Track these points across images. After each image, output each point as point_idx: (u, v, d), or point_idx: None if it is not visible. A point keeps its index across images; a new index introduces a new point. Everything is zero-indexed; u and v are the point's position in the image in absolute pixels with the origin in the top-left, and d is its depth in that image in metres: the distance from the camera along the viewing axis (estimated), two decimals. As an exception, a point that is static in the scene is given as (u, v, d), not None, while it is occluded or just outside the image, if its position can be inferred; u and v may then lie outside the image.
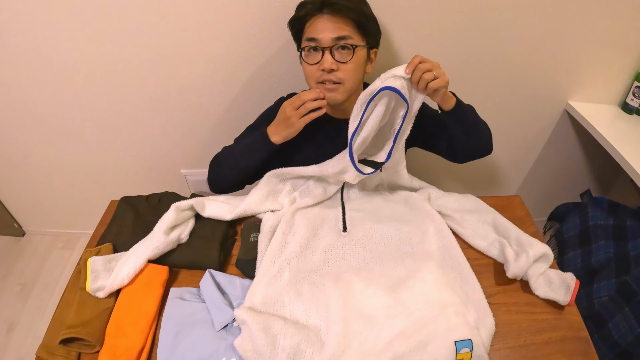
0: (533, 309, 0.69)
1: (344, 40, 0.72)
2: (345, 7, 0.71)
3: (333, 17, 0.71)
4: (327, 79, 0.73)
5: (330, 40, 0.71)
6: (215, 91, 1.09)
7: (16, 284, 1.47)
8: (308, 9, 0.73)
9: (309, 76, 0.77)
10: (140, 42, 0.98)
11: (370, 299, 0.62)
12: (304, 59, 0.75)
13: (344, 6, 0.70)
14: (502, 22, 0.98)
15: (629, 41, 1.05)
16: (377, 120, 0.70)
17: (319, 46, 0.72)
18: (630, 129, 1.12)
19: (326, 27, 0.71)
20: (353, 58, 0.73)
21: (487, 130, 0.85)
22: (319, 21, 0.72)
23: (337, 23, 0.71)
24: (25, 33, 0.97)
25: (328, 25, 0.71)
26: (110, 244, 0.77)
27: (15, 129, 1.23)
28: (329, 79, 0.73)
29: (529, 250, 0.69)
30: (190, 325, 0.63)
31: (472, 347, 0.57)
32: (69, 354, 0.65)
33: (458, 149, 0.84)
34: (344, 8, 0.70)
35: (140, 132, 1.21)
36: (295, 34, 0.79)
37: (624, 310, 0.93)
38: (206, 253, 0.71)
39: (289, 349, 0.55)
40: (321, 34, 0.72)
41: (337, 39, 0.71)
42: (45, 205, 1.52)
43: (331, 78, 0.73)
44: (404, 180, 0.85)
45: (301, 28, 0.76)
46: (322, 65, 0.72)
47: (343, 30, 0.71)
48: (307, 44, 0.74)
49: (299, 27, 0.76)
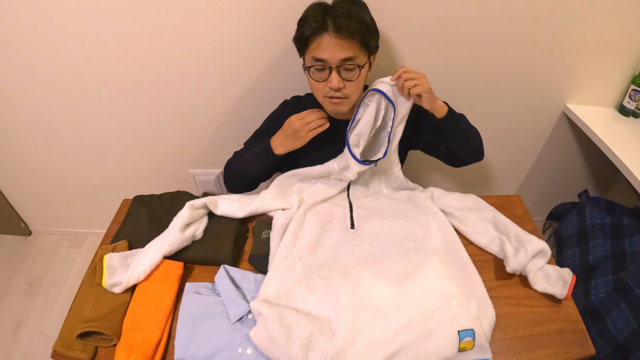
0: (532, 302, 0.72)
1: (350, 61, 0.73)
2: (350, 28, 0.70)
3: (338, 37, 0.70)
4: (334, 95, 0.77)
5: (337, 61, 0.72)
6: (222, 93, 1.12)
7: (23, 283, 1.49)
8: (313, 28, 0.71)
9: (315, 89, 0.80)
10: (150, 45, 1.00)
11: (377, 291, 0.65)
12: (311, 76, 0.77)
13: (349, 27, 0.70)
14: (501, 28, 1.01)
15: (626, 45, 1.08)
16: (370, 116, 0.78)
17: (326, 66, 0.74)
18: (626, 131, 1.15)
19: (332, 48, 0.71)
20: (359, 76, 0.76)
21: (478, 138, 0.89)
22: (324, 41, 0.71)
23: (343, 43, 0.71)
24: (37, 35, 0.99)
25: (334, 46, 0.71)
26: (125, 241, 0.79)
27: (23, 129, 1.25)
28: (336, 95, 0.77)
29: (528, 246, 0.72)
30: (206, 317, 0.65)
31: (474, 337, 0.60)
32: (86, 348, 0.67)
33: (453, 153, 0.88)
34: (349, 29, 0.70)
35: (148, 133, 1.23)
36: (299, 49, 0.79)
37: (621, 306, 0.96)
38: (220, 249, 0.74)
39: (303, 339, 0.58)
40: (328, 55, 0.72)
41: (343, 60, 0.72)
42: (53, 204, 1.53)
43: (338, 95, 0.76)
44: (400, 183, 0.91)
45: (305, 45, 0.75)
46: (329, 83, 0.75)
47: (349, 51, 0.72)
48: (313, 63, 0.74)
49: (303, 44, 0.76)
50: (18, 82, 1.11)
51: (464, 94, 1.16)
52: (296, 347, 0.57)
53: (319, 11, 0.72)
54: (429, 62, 1.07)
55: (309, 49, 0.74)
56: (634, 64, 1.12)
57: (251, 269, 0.75)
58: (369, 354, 0.58)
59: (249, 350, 0.61)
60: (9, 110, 1.20)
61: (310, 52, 0.74)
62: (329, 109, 0.82)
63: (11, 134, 1.27)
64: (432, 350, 0.59)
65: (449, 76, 1.11)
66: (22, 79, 1.10)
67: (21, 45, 1.02)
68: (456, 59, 1.07)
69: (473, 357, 0.60)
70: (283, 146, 0.82)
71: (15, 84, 1.12)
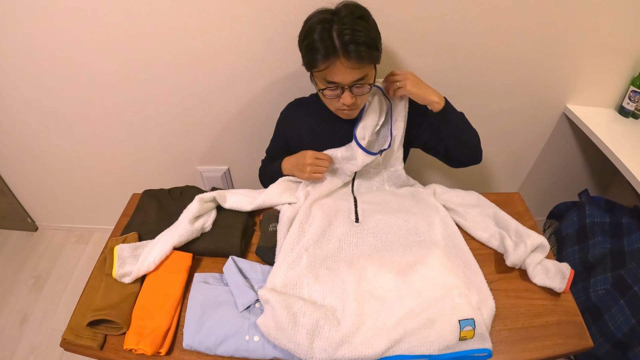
0: (531, 295, 0.74)
1: (362, 80, 0.75)
2: (359, 55, 0.70)
3: (349, 63, 0.71)
4: (345, 109, 0.81)
5: (349, 82, 0.75)
6: (230, 90, 1.14)
7: (29, 277, 1.51)
8: (322, 55, 0.71)
9: (327, 102, 0.83)
10: (161, 43, 1.03)
11: (381, 281, 0.67)
12: (324, 95, 0.79)
13: (358, 53, 0.70)
14: (502, 29, 1.03)
15: (625, 47, 1.09)
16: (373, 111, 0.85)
17: (339, 86, 0.76)
18: (626, 132, 1.17)
19: (344, 73, 0.72)
20: (370, 90, 0.79)
21: (475, 137, 0.89)
22: (335, 67, 0.72)
23: (355, 67, 0.72)
24: (48, 32, 1.01)
25: (345, 70, 0.72)
26: (135, 233, 0.81)
27: (32, 126, 1.27)
28: (347, 108, 0.80)
29: (527, 240, 0.74)
30: (214, 306, 0.67)
31: (475, 326, 0.61)
32: (96, 336, 0.68)
33: (450, 152, 0.90)
34: (358, 56, 0.70)
35: (156, 129, 1.25)
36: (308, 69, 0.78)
37: (620, 303, 0.98)
38: (228, 241, 0.76)
39: (309, 326, 0.60)
40: (340, 78, 0.73)
41: (355, 81, 0.75)
42: (59, 200, 1.55)
43: (350, 107, 0.80)
44: (402, 180, 0.94)
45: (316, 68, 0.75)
46: (343, 100, 0.77)
47: (361, 73, 0.74)
48: (327, 85, 0.76)
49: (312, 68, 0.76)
50: (26, 78, 1.13)
51: (464, 94, 1.18)
52: (302, 334, 0.59)
53: (325, 33, 0.70)
54: (429, 63, 1.09)
55: (319, 72, 0.75)
56: (633, 65, 1.14)
57: (258, 260, 0.77)
58: (373, 341, 0.60)
59: (256, 337, 0.63)
60: (17, 105, 1.21)
61: (321, 74, 0.75)
62: (340, 116, 0.86)
63: (19, 130, 1.29)
64: (434, 338, 0.60)
65: (449, 76, 1.13)
66: (31, 74, 1.12)
67: (30, 40, 1.03)
68: (457, 59, 1.09)
69: (474, 346, 0.62)
70: (289, 171, 0.91)
71: (23, 79, 1.13)
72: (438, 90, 0.85)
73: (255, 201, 0.82)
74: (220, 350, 0.63)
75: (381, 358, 0.60)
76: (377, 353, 0.59)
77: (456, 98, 1.18)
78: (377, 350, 0.59)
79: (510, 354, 0.65)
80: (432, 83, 1.14)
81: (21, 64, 1.10)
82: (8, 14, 0.98)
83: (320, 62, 0.72)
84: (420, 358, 0.61)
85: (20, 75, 1.13)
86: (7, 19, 1.00)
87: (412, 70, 1.06)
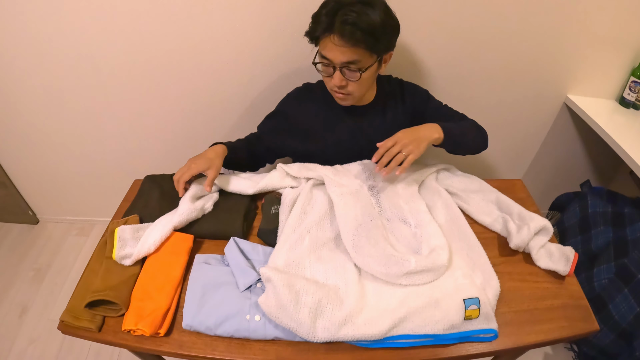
0: (535, 278, 0.73)
1: (353, 64, 0.76)
2: (353, 37, 0.71)
3: (341, 42, 0.73)
4: (338, 91, 0.82)
5: (339, 63, 0.76)
6: (233, 80, 1.14)
7: (30, 269, 1.50)
8: (320, 28, 0.75)
9: (324, 81, 0.86)
10: (163, 33, 1.03)
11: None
12: (320, 71, 0.82)
13: (352, 35, 0.71)
14: (503, 19, 1.04)
15: (625, 38, 1.10)
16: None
17: (330, 64, 0.78)
18: (627, 122, 1.17)
19: (335, 50, 0.74)
20: (361, 76, 0.78)
21: (480, 137, 0.90)
22: (329, 43, 0.74)
23: (344, 49, 0.73)
24: (51, 22, 1.01)
25: (337, 48, 0.74)
26: (136, 216, 0.81)
27: (34, 119, 1.27)
28: (340, 91, 0.82)
29: (530, 223, 0.73)
30: (215, 286, 0.67)
31: (480, 305, 0.61)
32: (94, 318, 0.67)
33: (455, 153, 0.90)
34: (352, 37, 0.71)
35: (158, 121, 1.25)
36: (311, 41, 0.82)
37: (624, 292, 0.97)
38: (230, 223, 0.76)
39: (311, 305, 0.59)
40: (331, 55, 0.76)
41: (345, 62, 0.76)
42: (60, 193, 1.55)
43: (342, 91, 0.82)
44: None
45: (315, 41, 0.80)
46: (333, 81, 0.80)
47: (351, 56, 0.74)
48: (321, 60, 0.79)
49: (312, 41, 0.80)
50: (28, 70, 1.13)
51: (466, 84, 1.18)
52: (304, 313, 0.59)
53: (331, 10, 0.73)
54: (431, 53, 1.10)
55: (319, 46, 0.79)
56: (633, 56, 1.14)
57: (260, 243, 0.76)
58: (376, 320, 0.59)
59: (257, 317, 0.63)
60: (18, 98, 1.21)
61: (320, 48, 0.78)
62: (337, 101, 0.87)
63: (21, 123, 1.29)
64: (439, 317, 0.60)
65: (451, 66, 1.14)
66: (33, 67, 1.12)
67: (33, 29, 1.03)
68: (458, 49, 1.09)
69: (479, 326, 0.61)
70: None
71: (25, 71, 1.14)
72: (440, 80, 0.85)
73: (258, 185, 0.82)
74: (220, 330, 0.62)
75: (385, 338, 0.59)
76: (381, 332, 0.58)
77: (457, 89, 1.19)
78: (380, 329, 0.58)
79: (515, 336, 0.64)
80: (433, 74, 1.15)
81: (23, 55, 1.10)
82: (11, 4, 0.99)
83: (316, 33, 0.76)
84: (425, 337, 0.60)
85: (23, 67, 1.13)
86: (10, 10, 1.00)
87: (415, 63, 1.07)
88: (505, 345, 0.63)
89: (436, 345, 0.62)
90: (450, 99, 1.21)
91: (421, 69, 1.14)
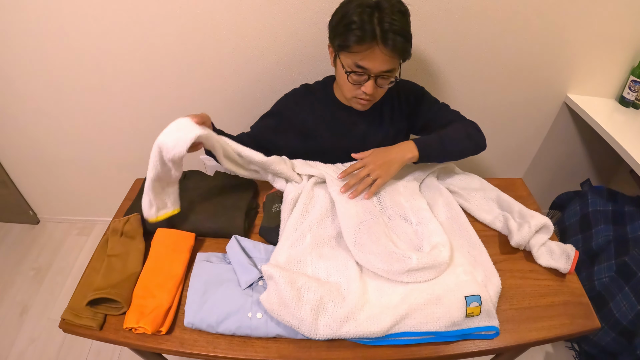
0: (536, 275, 0.73)
1: (389, 72, 0.76)
2: (397, 46, 0.71)
3: (385, 51, 0.72)
4: (364, 97, 0.80)
5: (378, 71, 0.75)
6: (234, 80, 1.14)
7: (30, 269, 1.50)
8: (360, 37, 0.71)
9: (346, 88, 0.81)
10: (163, 33, 1.03)
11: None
12: (349, 80, 0.78)
13: (395, 44, 0.71)
14: (503, 19, 1.04)
15: (625, 37, 1.10)
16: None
17: (366, 73, 0.76)
18: (627, 121, 1.17)
19: (377, 60, 0.73)
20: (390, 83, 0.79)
21: (471, 141, 0.85)
22: (371, 53, 0.72)
23: (388, 58, 0.73)
24: (51, 25, 1.02)
25: (380, 58, 0.73)
26: (138, 214, 0.81)
27: (34, 118, 1.27)
28: (366, 98, 0.80)
29: (531, 220, 0.74)
30: (217, 284, 0.67)
31: (481, 302, 0.61)
32: (96, 316, 0.67)
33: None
34: (395, 46, 0.71)
35: (159, 120, 1.24)
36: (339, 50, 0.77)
37: (624, 290, 0.98)
38: (232, 221, 0.76)
39: (313, 302, 0.59)
40: (371, 65, 0.74)
41: (384, 71, 0.75)
42: (61, 192, 1.55)
43: (368, 98, 0.80)
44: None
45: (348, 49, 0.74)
46: (365, 88, 0.77)
47: (391, 64, 0.75)
48: (355, 69, 0.75)
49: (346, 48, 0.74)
50: (29, 70, 1.13)
51: (465, 84, 1.19)
52: (306, 310, 0.59)
53: (365, 16, 0.71)
54: (431, 53, 1.10)
55: (351, 54, 0.74)
56: (632, 55, 1.15)
57: (262, 241, 0.77)
58: (378, 317, 0.59)
59: (259, 314, 0.63)
60: (19, 97, 1.22)
61: (352, 57, 0.74)
62: (353, 106, 0.86)
63: (21, 123, 1.29)
64: (440, 314, 0.60)
65: (450, 67, 1.14)
66: (33, 67, 1.12)
67: (33, 32, 1.04)
68: (458, 49, 1.10)
69: (480, 323, 0.61)
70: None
71: (26, 72, 1.14)
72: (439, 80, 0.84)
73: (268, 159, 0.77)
74: (222, 328, 0.62)
75: (386, 335, 0.60)
76: (383, 329, 0.58)
77: (457, 89, 1.20)
78: (382, 326, 0.58)
79: (517, 334, 0.65)
80: (433, 74, 1.16)
81: (23, 57, 1.10)
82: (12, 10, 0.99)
83: (356, 44, 0.72)
84: (426, 335, 0.60)
85: (23, 67, 1.13)
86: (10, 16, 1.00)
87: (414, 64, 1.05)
88: (506, 342, 0.63)
89: (438, 343, 0.62)
90: (450, 99, 1.22)
91: (421, 70, 1.14)
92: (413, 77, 1.00)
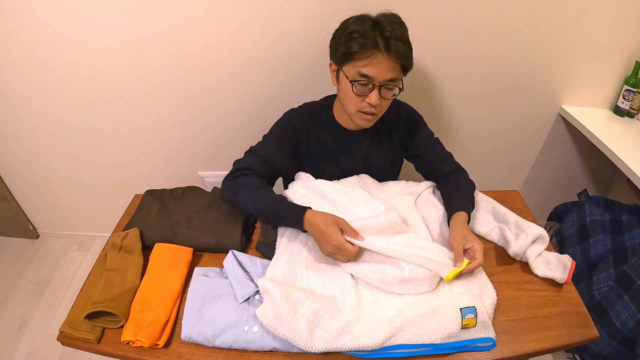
0: (533, 286, 0.73)
1: (393, 82, 0.76)
2: (399, 52, 0.72)
3: (389, 58, 0.72)
4: (369, 111, 0.79)
5: (382, 80, 0.75)
6: (233, 96, 1.16)
7: (29, 283, 1.50)
8: (362, 44, 0.71)
9: (350, 101, 0.79)
10: (163, 48, 1.05)
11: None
12: (354, 90, 0.77)
13: (398, 50, 0.71)
14: (497, 32, 1.06)
15: (617, 47, 1.12)
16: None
17: (370, 82, 0.75)
18: (623, 130, 1.18)
19: (381, 67, 0.73)
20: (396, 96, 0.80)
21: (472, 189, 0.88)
22: (375, 60, 0.73)
23: (391, 64, 0.73)
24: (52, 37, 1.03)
25: (383, 65, 0.73)
26: (137, 229, 0.82)
27: (35, 133, 1.28)
28: (370, 111, 0.79)
29: (527, 230, 0.74)
30: (214, 298, 0.67)
31: (477, 314, 0.61)
32: (94, 329, 0.68)
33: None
34: (398, 52, 0.72)
35: (158, 135, 1.26)
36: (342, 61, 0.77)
37: (624, 299, 0.97)
38: (229, 236, 0.77)
39: (309, 315, 0.59)
40: (375, 73, 0.73)
41: (388, 80, 0.75)
42: (61, 208, 1.55)
43: (372, 111, 0.79)
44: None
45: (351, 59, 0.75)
46: (369, 99, 0.76)
47: (394, 72, 0.75)
48: (359, 78, 0.75)
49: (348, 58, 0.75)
50: (29, 85, 1.15)
51: (461, 96, 1.20)
52: (302, 323, 0.59)
53: (367, 26, 0.72)
54: (427, 66, 1.12)
55: (355, 62, 0.75)
56: (625, 64, 1.16)
57: (259, 256, 0.77)
58: (373, 330, 0.59)
59: (255, 328, 0.63)
60: (19, 112, 1.23)
61: (356, 66, 0.75)
62: (357, 122, 0.83)
63: (22, 138, 1.30)
64: (436, 326, 0.60)
65: (446, 79, 1.15)
66: (34, 81, 1.14)
67: (34, 45, 1.05)
68: (453, 62, 1.11)
69: (476, 335, 0.61)
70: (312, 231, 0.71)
71: (26, 86, 1.15)
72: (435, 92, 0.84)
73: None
74: (218, 342, 0.63)
75: (382, 348, 0.60)
76: (378, 342, 0.59)
77: (452, 100, 1.21)
78: (377, 339, 0.59)
79: (514, 345, 0.64)
80: (429, 85, 1.17)
81: (24, 69, 1.11)
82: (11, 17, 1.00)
83: (359, 52, 0.72)
84: (422, 347, 0.60)
85: (24, 82, 1.14)
86: (10, 24, 1.02)
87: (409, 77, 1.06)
88: (503, 353, 0.63)
89: (434, 355, 0.62)
90: (446, 112, 1.23)
91: (417, 84, 1.15)
92: (407, 90, 1.01)
